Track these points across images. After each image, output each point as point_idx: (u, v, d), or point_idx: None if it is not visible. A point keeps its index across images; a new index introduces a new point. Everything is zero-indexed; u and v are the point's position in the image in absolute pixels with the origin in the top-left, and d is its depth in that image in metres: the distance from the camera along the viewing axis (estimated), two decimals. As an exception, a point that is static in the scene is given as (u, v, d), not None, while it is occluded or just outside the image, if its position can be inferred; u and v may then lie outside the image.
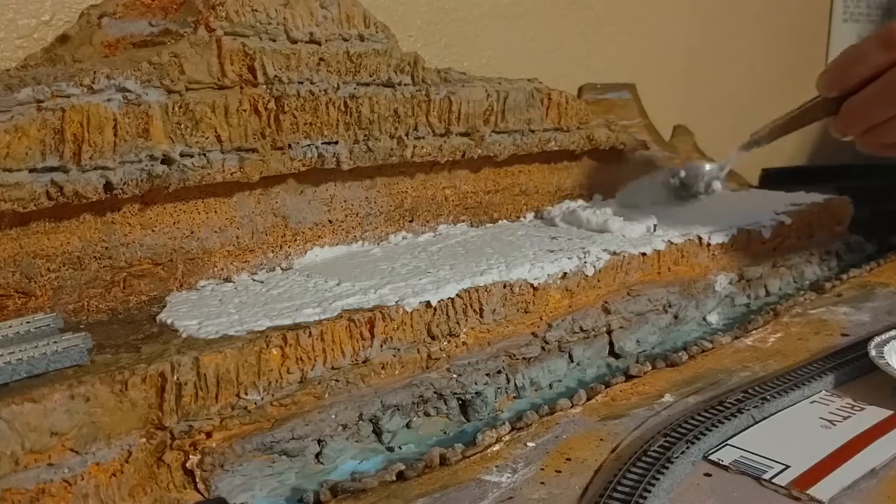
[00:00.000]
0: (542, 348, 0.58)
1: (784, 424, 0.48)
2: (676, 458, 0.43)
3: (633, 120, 0.97)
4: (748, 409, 0.49)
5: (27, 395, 0.37)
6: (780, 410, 0.50)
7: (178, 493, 0.42)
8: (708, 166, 0.70)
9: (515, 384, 0.56)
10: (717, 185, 0.69)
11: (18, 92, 0.46)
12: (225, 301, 0.52)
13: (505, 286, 0.56)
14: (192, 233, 0.56)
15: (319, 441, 0.47)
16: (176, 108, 0.53)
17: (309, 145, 0.60)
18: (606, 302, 0.62)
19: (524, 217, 0.78)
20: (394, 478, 0.43)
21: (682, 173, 0.69)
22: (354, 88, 0.62)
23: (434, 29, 0.84)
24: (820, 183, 0.95)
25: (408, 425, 0.51)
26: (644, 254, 0.65)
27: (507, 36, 0.91)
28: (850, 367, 0.55)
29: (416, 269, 0.59)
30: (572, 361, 0.60)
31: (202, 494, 0.42)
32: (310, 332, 0.47)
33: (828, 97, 0.59)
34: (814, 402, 0.51)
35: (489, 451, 0.46)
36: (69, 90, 0.48)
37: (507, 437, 0.47)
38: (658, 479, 0.41)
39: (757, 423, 0.48)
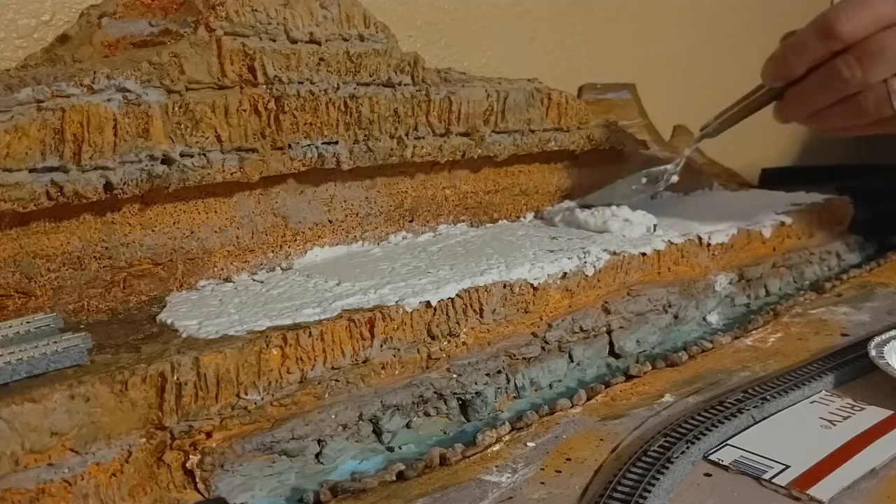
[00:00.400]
0: (542, 348, 0.58)
1: (784, 424, 0.48)
2: (676, 458, 0.43)
3: (633, 120, 0.97)
4: (748, 409, 0.49)
5: (27, 395, 0.37)
6: (780, 410, 0.50)
7: (178, 493, 0.42)
8: (665, 167, 0.75)
9: (515, 384, 0.56)
10: (674, 178, 0.74)
11: (18, 92, 0.46)
12: (225, 301, 0.52)
13: (505, 286, 0.56)
14: (192, 233, 0.56)
15: (319, 441, 0.47)
16: (176, 108, 0.53)
17: (309, 145, 0.60)
18: (606, 302, 0.62)
19: (524, 217, 0.78)
20: (394, 478, 0.43)
21: (644, 180, 0.73)
22: (354, 88, 0.62)
23: (434, 29, 0.84)
24: (820, 183, 0.95)
25: (408, 425, 0.51)
26: (644, 254, 0.65)
27: (507, 36, 0.91)
28: (850, 367, 0.55)
29: (416, 269, 0.59)
30: (572, 361, 0.60)
31: (202, 494, 0.42)
32: (310, 332, 0.47)
33: (773, 87, 0.61)
34: (814, 402, 0.51)
35: (489, 451, 0.46)
36: (69, 90, 0.48)
37: (507, 437, 0.47)
38: (658, 479, 0.41)
39: (757, 423, 0.48)
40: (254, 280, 0.58)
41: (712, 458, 0.44)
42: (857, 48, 0.56)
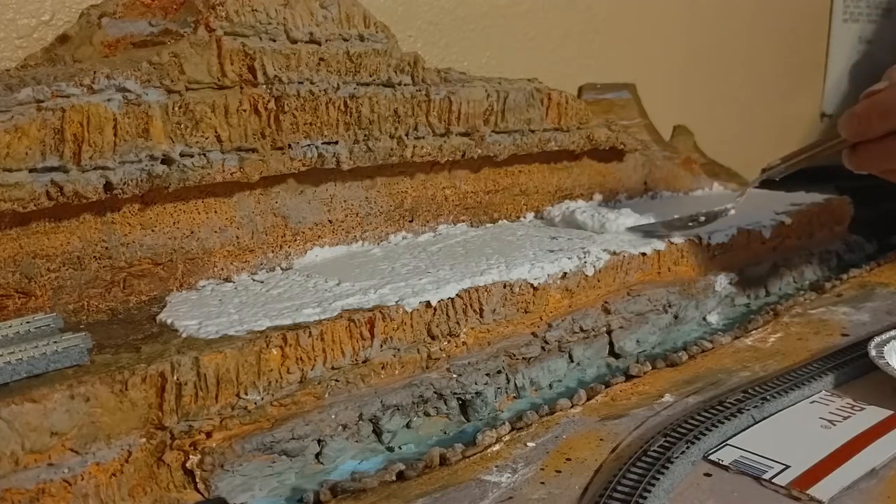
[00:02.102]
0: (542, 348, 0.58)
1: (784, 424, 0.48)
2: (676, 458, 0.43)
3: (633, 120, 0.97)
4: (748, 409, 0.49)
5: (27, 395, 0.38)
6: (780, 410, 0.50)
7: (178, 493, 0.42)
8: (725, 206, 0.74)
9: (515, 384, 0.56)
10: (731, 212, 0.73)
11: (18, 92, 0.46)
12: (225, 301, 0.52)
13: (505, 286, 0.56)
14: (192, 233, 0.56)
15: (319, 441, 0.47)
16: (176, 108, 0.53)
17: (309, 145, 0.60)
18: (606, 302, 0.62)
19: (524, 217, 0.78)
20: (394, 478, 0.43)
21: (702, 218, 0.72)
22: (354, 88, 0.62)
23: (434, 29, 0.84)
24: (820, 183, 0.95)
25: (408, 425, 0.51)
26: (644, 254, 0.65)
27: (507, 36, 0.91)
28: (850, 367, 0.55)
29: (416, 269, 0.59)
30: (572, 361, 0.60)
31: (202, 494, 0.42)
32: (310, 332, 0.47)
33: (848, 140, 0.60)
34: (814, 402, 0.51)
35: (489, 451, 0.46)
36: (69, 90, 0.48)
37: (507, 437, 0.47)
38: (658, 479, 0.41)
39: (757, 423, 0.48)
40: (254, 280, 0.58)
41: (712, 458, 0.44)
42: None
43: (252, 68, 0.56)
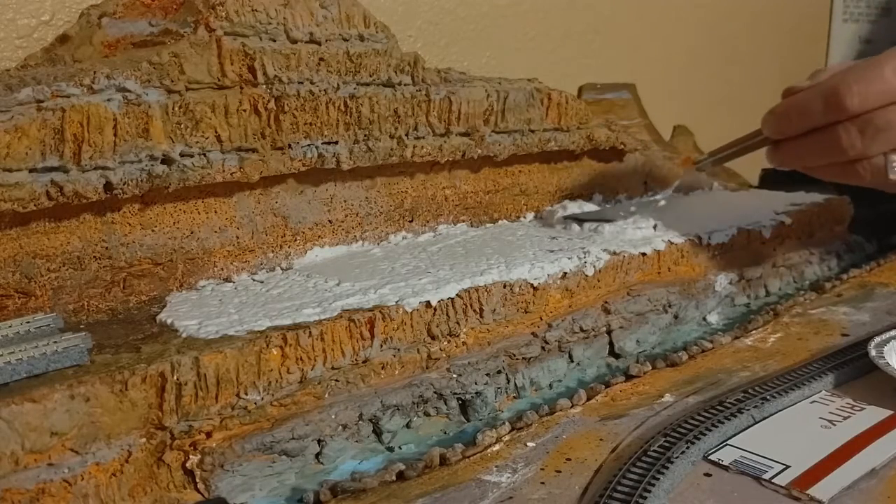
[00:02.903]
0: (542, 348, 0.58)
1: (784, 424, 0.48)
2: (676, 458, 0.43)
3: (633, 120, 0.97)
4: (748, 409, 0.49)
5: (27, 395, 0.38)
6: (780, 410, 0.50)
7: (178, 493, 0.42)
8: (655, 197, 0.78)
9: (515, 384, 0.56)
10: (662, 203, 0.76)
11: (18, 92, 0.46)
12: (225, 301, 0.52)
13: (505, 286, 0.56)
14: (192, 233, 0.56)
15: (319, 441, 0.47)
16: (176, 108, 0.53)
17: (309, 145, 0.60)
18: (606, 302, 0.62)
19: (524, 217, 0.78)
20: (394, 478, 0.43)
21: (632, 209, 0.74)
22: (354, 88, 0.62)
23: (434, 29, 0.85)
24: (820, 183, 0.95)
25: (408, 425, 0.51)
26: (644, 254, 0.65)
27: (507, 36, 0.91)
28: (850, 367, 0.55)
29: (416, 269, 0.59)
30: (572, 361, 0.60)
31: (202, 494, 0.42)
32: (310, 332, 0.47)
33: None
34: (814, 402, 0.51)
35: (489, 451, 0.46)
36: (69, 90, 0.48)
37: (507, 437, 0.47)
38: (658, 479, 0.41)
39: (757, 423, 0.48)
40: (254, 280, 0.58)
41: (712, 458, 0.44)
42: (860, 120, 0.55)
43: (252, 68, 0.56)
